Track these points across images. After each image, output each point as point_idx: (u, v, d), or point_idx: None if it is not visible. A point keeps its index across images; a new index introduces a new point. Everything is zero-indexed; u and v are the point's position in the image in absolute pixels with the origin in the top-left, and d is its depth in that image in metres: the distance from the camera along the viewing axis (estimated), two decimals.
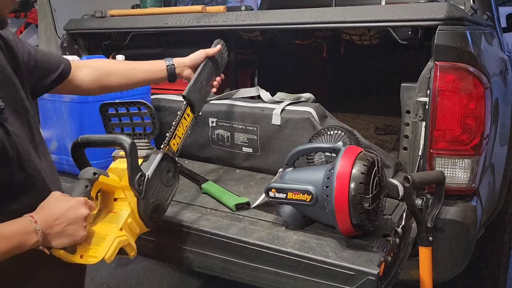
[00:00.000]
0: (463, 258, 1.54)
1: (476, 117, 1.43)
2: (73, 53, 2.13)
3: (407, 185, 1.28)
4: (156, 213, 1.21)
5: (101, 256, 1.03)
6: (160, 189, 1.24)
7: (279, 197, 1.32)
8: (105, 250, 1.04)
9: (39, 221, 0.91)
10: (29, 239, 0.89)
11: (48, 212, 0.93)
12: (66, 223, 0.94)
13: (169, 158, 1.30)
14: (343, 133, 1.52)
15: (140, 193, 1.16)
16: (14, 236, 0.87)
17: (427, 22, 1.44)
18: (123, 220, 1.12)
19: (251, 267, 1.26)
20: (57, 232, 0.93)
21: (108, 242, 1.05)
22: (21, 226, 0.89)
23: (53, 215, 0.93)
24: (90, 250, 1.03)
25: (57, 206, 0.95)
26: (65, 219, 0.94)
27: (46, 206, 0.95)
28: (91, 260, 1.02)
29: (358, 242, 1.24)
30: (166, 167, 1.27)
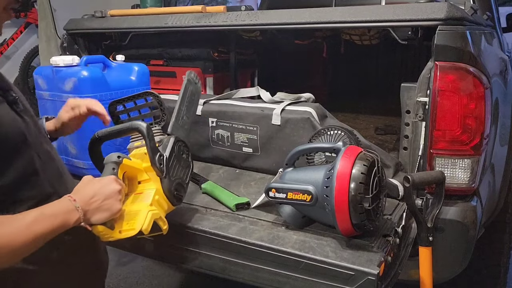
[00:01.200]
0: (463, 258, 1.54)
1: (476, 117, 1.43)
2: (73, 53, 2.13)
3: (407, 185, 1.28)
4: (179, 191, 1.27)
5: (138, 228, 1.08)
6: (178, 169, 1.29)
7: (279, 197, 1.32)
8: (141, 222, 1.10)
9: (78, 200, 0.97)
10: (72, 216, 0.95)
11: (83, 192, 1.00)
12: (102, 198, 1.01)
13: (181, 141, 1.35)
14: (343, 133, 1.52)
15: (162, 171, 1.21)
16: (58, 214, 0.93)
17: (427, 22, 1.44)
18: (151, 197, 1.17)
19: (251, 267, 1.26)
20: (95, 207, 1.00)
21: (142, 215, 1.11)
22: (63, 205, 0.95)
23: (89, 193, 1.00)
24: (127, 225, 1.09)
25: (91, 186, 1.02)
26: (100, 195, 1.01)
27: (81, 187, 1.02)
28: (130, 233, 1.08)
29: (358, 242, 1.24)
30: (180, 150, 1.33)
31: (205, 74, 2.29)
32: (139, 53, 2.37)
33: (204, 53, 2.27)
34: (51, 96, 1.75)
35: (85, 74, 1.68)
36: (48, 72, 1.75)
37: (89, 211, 0.99)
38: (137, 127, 1.22)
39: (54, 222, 0.91)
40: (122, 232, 1.08)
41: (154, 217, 1.14)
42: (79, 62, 1.73)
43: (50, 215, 0.91)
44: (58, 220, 0.92)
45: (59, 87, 1.70)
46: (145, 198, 1.17)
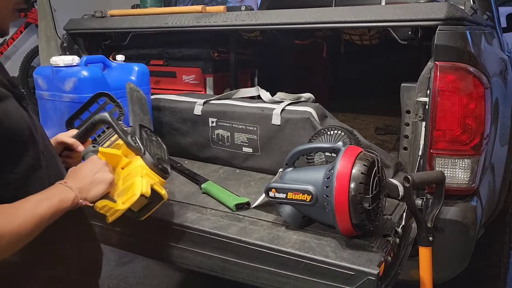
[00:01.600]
0: (463, 258, 1.54)
1: (476, 117, 1.43)
2: (73, 53, 2.13)
3: (407, 185, 1.28)
4: (162, 164, 1.27)
5: (138, 192, 1.10)
6: (153, 148, 1.31)
7: (279, 197, 1.32)
8: (139, 187, 1.11)
9: (69, 181, 1.01)
10: (68, 195, 0.98)
11: (72, 175, 1.05)
12: (92, 173, 1.05)
13: (146, 127, 1.38)
14: (343, 133, 1.52)
15: (139, 149, 1.23)
16: (55, 195, 0.96)
17: (427, 22, 1.44)
18: (139, 172, 1.18)
19: (251, 267, 1.25)
20: (89, 183, 1.03)
21: (138, 183, 1.13)
22: (57, 187, 0.98)
23: (78, 173, 1.05)
24: (127, 196, 1.11)
25: (77, 169, 1.07)
26: (89, 171, 1.06)
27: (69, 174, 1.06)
28: (133, 198, 1.10)
29: (358, 242, 1.24)
30: (148, 134, 1.36)
31: (205, 74, 2.29)
32: (139, 53, 2.37)
33: (204, 53, 2.27)
34: (51, 96, 1.75)
35: (85, 74, 1.68)
36: (48, 72, 1.75)
37: (84, 187, 1.01)
38: (99, 118, 1.28)
39: (53, 202, 0.93)
40: (125, 202, 1.10)
41: (150, 182, 1.16)
42: (79, 62, 1.73)
43: (47, 196, 0.94)
44: (55, 200, 0.94)
45: (59, 87, 1.70)
46: (133, 175, 1.18)
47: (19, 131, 0.96)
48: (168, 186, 1.68)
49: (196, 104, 1.90)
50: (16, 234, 0.86)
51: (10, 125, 0.93)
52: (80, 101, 1.66)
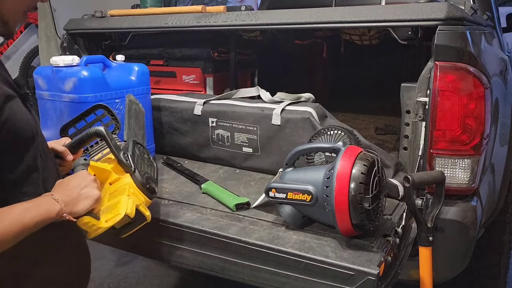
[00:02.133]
0: (463, 258, 1.54)
1: (476, 117, 1.43)
2: (73, 53, 2.13)
3: (407, 185, 1.28)
4: (150, 184, 1.27)
5: (123, 212, 1.10)
6: (144, 166, 1.32)
7: (279, 197, 1.32)
8: (124, 207, 1.12)
9: (55, 193, 1.00)
10: (53, 207, 0.97)
11: (60, 187, 1.04)
12: (80, 188, 1.04)
13: (139, 144, 1.38)
14: (343, 133, 1.52)
15: (130, 166, 1.23)
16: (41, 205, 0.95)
17: (427, 22, 1.44)
18: (126, 190, 1.18)
19: (251, 267, 1.25)
20: (75, 197, 1.03)
21: (124, 202, 1.13)
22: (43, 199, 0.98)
23: (65, 187, 1.04)
24: (111, 214, 1.11)
25: (65, 182, 1.06)
26: (77, 186, 1.05)
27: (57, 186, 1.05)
28: (116, 218, 1.10)
29: (358, 242, 1.24)
30: (141, 151, 1.36)
31: (205, 74, 2.29)
32: (139, 53, 2.37)
33: (204, 53, 2.27)
34: (51, 96, 1.75)
35: (85, 74, 1.68)
36: (48, 72, 1.75)
37: (70, 201, 1.01)
38: (95, 131, 1.26)
39: (40, 210, 0.94)
40: (108, 221, 1.09)
41: (136, 202, 1.16)
42: (79, 62, 1.73)
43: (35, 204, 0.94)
44: (43, 208, 0.95)
45: (59, 87, 1.70)
46: (120, 192, 1.18)
47: (22, 132, 0.96)
48: (168, 186, 1.69)
49: (196, 104, 1.90)
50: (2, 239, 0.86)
51: (14, 125, 0.93)
52: (80, 101, 1.67)
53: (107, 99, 1.72)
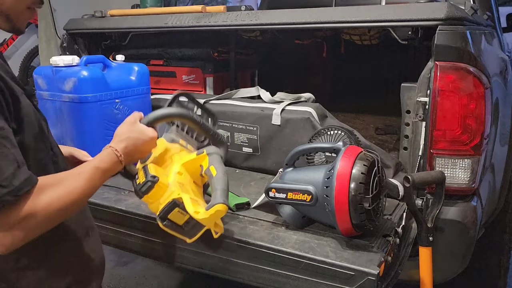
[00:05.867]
0: (463, 258, 1.54)
1: (476, 117, 1.43)
2: (73, 53, 2.13)
3: (407, 185, 1.28)
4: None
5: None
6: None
7: (279, 197, 1.32)
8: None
9: (123, 156, 1.06)
10: (117, 168, 1.05)
11: (129, 147, 1.09)
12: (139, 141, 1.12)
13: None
14: (343, 133, 1.52)
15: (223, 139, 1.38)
16: (109, 169, 1.02)
17: (427, 22, 1.44)
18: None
19: (251, 267, 1.25)
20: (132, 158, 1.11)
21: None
22: (112, 159, 1.03)
23: (132, 149, 1.10)
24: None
25: (138, 144, 1.12)
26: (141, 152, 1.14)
27: (129, 142, 1.10)
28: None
29: (358, 242, 1.24)
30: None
31: (205, 74, 2.29)
32: (139, 53, 2.36)
33: (204, 53, 2.27)
34: (51, 96, 1.75)
35: (85, 74, 1.68)
36: (48, 72, 1.75)
37: (129, 153, 1.08)
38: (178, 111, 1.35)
39: (106, 175, 1.01)
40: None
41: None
42: (79, 62, 1.73)
43: (103, 170, 0.99)
44: (109, 174, 1.02)
45: (59, 87, 1.70)
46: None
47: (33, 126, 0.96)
48: None
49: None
50: (78, 201, 0.92)
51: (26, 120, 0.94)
52: (80, 101, 1.67)
53: (107, 99, 1.72)
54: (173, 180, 1.21)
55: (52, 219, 0.88)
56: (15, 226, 0.82)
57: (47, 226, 0.88)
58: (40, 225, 0.86)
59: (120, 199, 1.56)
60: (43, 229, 0.88)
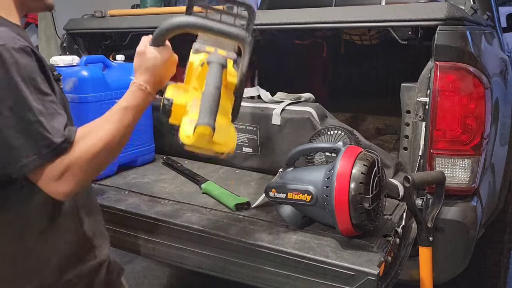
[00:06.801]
0: (463, 258, 1.54)
1: (476, 117, 1.43)
2: (73, 53, 2.13)
3: (407, 185, 1.28)
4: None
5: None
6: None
7: (279, 197, 1.32)
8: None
9: (149, 87, 1.10)
10: (148, 102, 1.10)
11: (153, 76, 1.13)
12: (159, 65, 1.15)
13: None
14: (343, 133, 1.52)
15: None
16: (139, 105, 1.06)
17: (427, 22, 1.44)
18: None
19: (251, 267, 1.25)
20: (157, 75, 1.13)
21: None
22: (140, 96, 1.08)
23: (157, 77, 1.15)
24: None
25: (159, 70, 1.16)
26: (164, 76, 1.18)
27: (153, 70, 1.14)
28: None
29: (358, 242, 1.24)
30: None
31: None
32: None
33: None
34: None
35: (85, 74, 1.68)
36: None
37: (155, 82, 1.12)
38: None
39: (138, 111, 1.06)
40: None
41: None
42: (79, 62, 1.73)
43: (133, 107, 1.04)
44: (140, 108, 1.06)
45: None
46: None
47: (65, 109, 1.01)
48: (168, 186, 1.69)
49: None
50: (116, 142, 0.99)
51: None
52: (80, 101, 1.67)
53: (107, 99, 1.72)
54: (190, 97, 1.15)
55: (94, 164, 0.96)
56: (65, 174, 0.91)
57: (91, 171, 0.97)
58: (85, 171, 0.94)
59: (120, 199, 1.56)
60: (88, 173, 0.96)
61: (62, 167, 0.91)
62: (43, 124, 0.89)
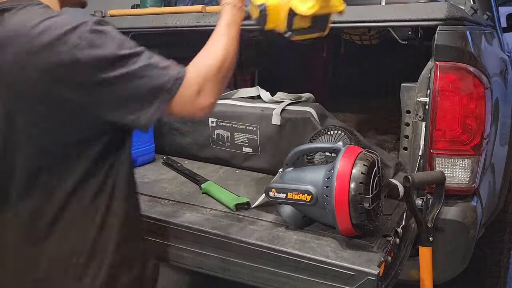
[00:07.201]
0: (463, 258, 1.54)
1: (476, 117, 1.43)
2: None
3: (407, 185, 1.28)
4: None
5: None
6: None
7: (279, 197, 1.32)
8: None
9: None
10: (240, 15, 1.19)
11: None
12: None
13: None
14: (343, 133, 1.52)
15: None
16: (235, 20, 1.17)
17: (427, 22, 1.44)
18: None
19: (251, 267, 1.25)
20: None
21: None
22: (232, 11, 1.18)
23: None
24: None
25: None
26: None
27: None
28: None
29: (358, 242, 1.24)
30: None
31: None
32: None
33: None
34: None
35: None
36: None
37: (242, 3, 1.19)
38: None
39: (237, 26, 1.16)
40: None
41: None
42: None
43: (232, 23, 1.15)
44: (237, 25, 1.17)
45: None
46: None
47: None
48: (168, 186, 1.69)
49: None
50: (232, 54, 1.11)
51: None
52: None
53: None
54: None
55: (222, 72, 1.09)
56: (203, 87, 1.04)
57: (222, 79, 1.09)
58: (217, 79, 1.07)
59: None
60: (220, 82, 1.09)
61: (199, 81, 1.03)
62: (163, 59, 1.03)
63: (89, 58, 0.90)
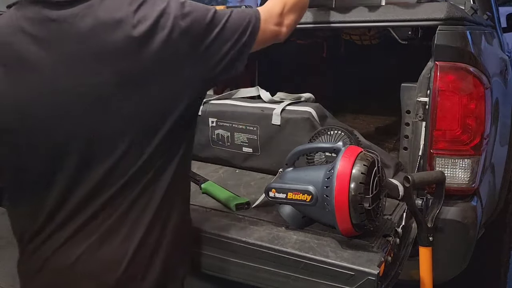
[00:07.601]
0: (463, 258, 1.54)
1: (476, 117, 1.43)
2: None
3: (407, 185, 1.28)
4: None
5: None
6: None
7: (279, 197, 1.32)
8: None
9: None
10: None
11: None
12: None
13: None
14: (343, 133, 1.52)
15: None
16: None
17: (427, 22, 1.44)
18: None
19: (251, 267, 1.25)
20: None
21: None
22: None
23: None
24: None
25: None
26: None
27: None
28: None
29: (358, 242, 1.24)
30: None
31: None
32: None
33: None
34: None
35: None
36: None
37: None
38: None
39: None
40: None
41: None
42: None
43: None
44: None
45: None
46: None
47: None
48: None
49: None
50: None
51: None
52: None
53: None
54: None
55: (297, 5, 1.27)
56: (282, 16, 1.23)
57: (299, 10, 1.29)
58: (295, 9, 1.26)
59: None
60: (298, 13, 1.29)
61: (281, 10, 1.21)
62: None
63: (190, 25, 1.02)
